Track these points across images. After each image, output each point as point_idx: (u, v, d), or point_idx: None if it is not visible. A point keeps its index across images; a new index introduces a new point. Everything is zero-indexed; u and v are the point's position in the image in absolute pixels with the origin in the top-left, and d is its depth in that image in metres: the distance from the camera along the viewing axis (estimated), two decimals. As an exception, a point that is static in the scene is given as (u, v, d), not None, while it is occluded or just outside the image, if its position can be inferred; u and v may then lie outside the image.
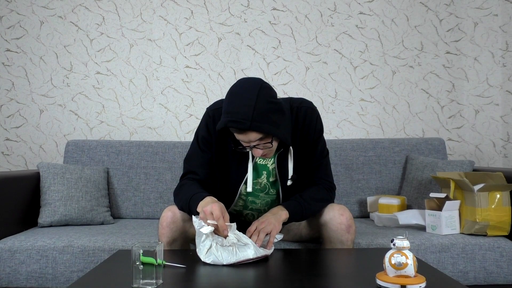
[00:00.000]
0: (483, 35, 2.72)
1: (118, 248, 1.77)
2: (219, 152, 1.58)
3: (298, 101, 1.59)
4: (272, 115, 1.39)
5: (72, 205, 2.12)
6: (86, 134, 2.69)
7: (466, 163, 2.17)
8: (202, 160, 1.57)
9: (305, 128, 1.57)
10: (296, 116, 1.56)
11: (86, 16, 2.69)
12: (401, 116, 2.73)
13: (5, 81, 2.68)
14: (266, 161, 1.58)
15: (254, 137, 1.39)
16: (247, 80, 1.42)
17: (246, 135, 1.39)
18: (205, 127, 1.57)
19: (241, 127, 1.35)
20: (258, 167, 1.59)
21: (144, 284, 1.07)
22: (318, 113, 1.60)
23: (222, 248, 1.29)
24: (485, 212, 1.81)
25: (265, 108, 1.37)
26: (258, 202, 1.63)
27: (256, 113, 1.34)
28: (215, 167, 1.60)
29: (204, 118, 1.59)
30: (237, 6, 2.71)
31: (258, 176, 1.59)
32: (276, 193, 1.62)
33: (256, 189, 1.60)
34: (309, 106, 1.59)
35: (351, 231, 1.51)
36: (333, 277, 1.17)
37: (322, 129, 1.62)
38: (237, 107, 1.36)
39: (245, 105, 1.35)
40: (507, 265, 1.77)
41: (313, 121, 1.57)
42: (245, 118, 1.34)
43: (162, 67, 2.71)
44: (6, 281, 1.76)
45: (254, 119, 1.34)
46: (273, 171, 1.59)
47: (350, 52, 2.73)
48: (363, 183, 2.38)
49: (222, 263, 1.26)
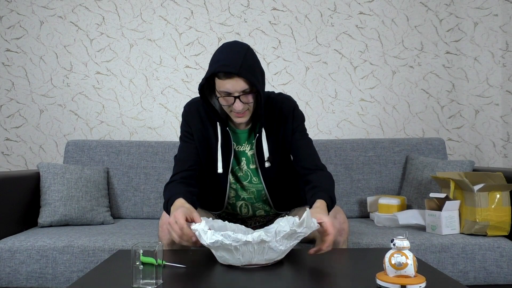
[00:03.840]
0: (483, 35, 2.72)
1: (118, 248, 1.77)
2: (201, 144, 1.63)
3: (275, 93, 1.68)
4: (257, 71, 1.47)
5: (72, 205, 2.12)
6: (86, 134, 2.69)
7: (466, 163, 2.17)
8: (188, 150, 1.64)
9: (282, 116, 1.62)
10: (271, 104, 1.63)
11: (86, 16, 2.69)
12: (401, 116, 2.73)
13: (5, 81, 2.68)
14: (244, 147, 1.63)
15: (240, 86, 1.44)
16: (235, 41, 1.52)
17: (233, 82, 1.43)
18: (184, 121, 1.66)
19: (230, 71, 1.40)
20: (238, 154, 1.64)
21: (144, 284, 1.07)
22: (296, 104, 1.66)
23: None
24: (485, 212, 1.81)
25: (253, 62, 1.46)
26: (246, 192, 1.67)
27: (245, 63, 1.43)
28: (201, 158, 1.64)
29: (182, 115, 1.68)
30: (237, 6, 2.71)
31: (238, 163, 1.64)
32: (259, 182, 1.65)
33: (240, 176, 1.65)
34: (286, 97, 1.66)
35: (344, 233, 1.53)
36: (333, 277, 1.17)
37: (303, 118, 1.67)
38: (228, 56, 1.43)
39: (235, 54, 1.43)
40: (507, 265, 1.77)
41: (290, 109, 1.63)
42: (235, 64, 1.41)
43: (162, 67, 2.71)
44: (6, 281, 1.76)
45: (242, 67, 1.41)
46: (252, 157, 1.63)
47: (350, 52, 2.73)
48: (363, 183, 2.38)
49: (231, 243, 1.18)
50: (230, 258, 1.23)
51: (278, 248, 1.20)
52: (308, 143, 1.65)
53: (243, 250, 1.19)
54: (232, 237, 1.18)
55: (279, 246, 1.20)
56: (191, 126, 1.64)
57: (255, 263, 1.23)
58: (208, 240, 1.20)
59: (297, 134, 1.64)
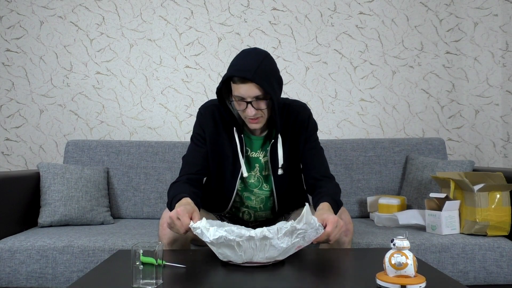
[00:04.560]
0: (483, 35, 2.72)
1: (118, 248, 1.77)
2: (213, 148, 1.63)
3: (291, 100, 1.68)
4: (273, 78, 1.47)
5: (72, 205, 2.12)
6: (86, 134, 2.69)
7: (466, 163, 2.17)
8: (198, 154, 1.63)
9: (297, 124, 1.62)
10: (287, 111, 1.63)
11: (86, 16, 2.69)
12: (401, 116, 2.73)
13: (5, 81, 2.68)
14: (258, 153, 1.63)
15: (253, 92, 1.44)
16: (256, 48, 1.53)
17: (246, 87, 1.44)
18: (198, 124, 1.65)
19: (244, 76, 1.42)
20: (251, 160, 1.63)
21: (144, 284, 1.07)
22: (311, 112, 1.67)
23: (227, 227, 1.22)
24: (485, 212, 1.81)
25: (269, 69, 1.47)
26: (253, 199, 1.67)
27: (260, 69, 1.43)
28: (210, 164, 1.64)
29: (197, 116, 1.67)
30: (237, 6, 2.71)
31: (251, 169, 1.64)
32: (269, 189, 1.65)
33: (250, 183, 1.64)
34: (301, 104, 1.66)
35: (349, 234, 1.53)
36: (333, 277, 1.17)
37: (316, 127, 1.67)
38: (244, 61, 1.45)
39: (252, 60, 1.45)
40: (507, 265, 1.77)
41: (305, 117, 1.63)
42: (250, 70, 1.42)
43: (162, 67, 2.71)
44: (6, 281, 1.76)
45: (257, 73, 1.42)
46: (265, 164, 1.63)
47: (350, 52, 2.73)
48: (363, 183, 2.38)
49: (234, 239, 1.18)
50: (232, 255, 1.23)
51: (279, 246, 1.21)
52: (318, 153, 1.65)
53: (245, 246, 1.20)
54: (236, 232, 1.19)
55: (281, 243, 1.21)
56: (204, 129, 1.63)
57: (256, 261, 1.23)
58: (212, 237, 1.20)
59: (309, 143, 1.64)
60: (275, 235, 1.19)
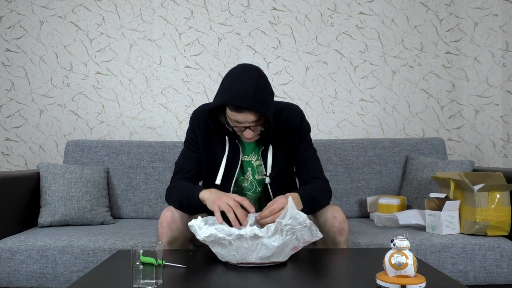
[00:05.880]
0: (483, 35, 2.72)
1: (118, 248, 1.77)
2: (206, 153, 1.62)
3: (284, 103, 1.66)
4: (268, 98, 1.46)
5: (72, 205, 2.12)
6: (86, 134, 2.69)
7: (466, 163, 2.17)
8: (191, 158, 1.63)
9: (291, 128, 1.61)
10: (280, 116, 1.61)
11: (86, 16, 2.69)
12: (401, 116, 2.73)
13: (5, 81, 2.68)
14: (251, 157, 1.63)
15: (251, 118, 1.43)
16: (246, 65, 1.49)
17: (243, 115, 1.42)
18: (191, 129, 1.64)
19: (241, 105, 1.39)
20: (244, 164, 1.63)
21: (144, 284, 1.07)
22: (303, 114, 1.66)
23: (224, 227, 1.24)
24: (485, 212, 1.81)
25: (264, 90, 1.44)
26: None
27: (257, 95, 1.40)
28: (204, 168, 1.64)
29: (190, 121, 1.66)
30: (237, 6, 2.71)
31: (244, 173, 1.64)
32: (262, 190, 1.66)
33: (244, 186, 1.64)
34: (294, 108, 1.65)
35: (344, 233, 1.53)
36: (333, 277, 1.17)
37: (309, 129, 1.66)
38: (240, 85, 1.41)
39: (247, 85, 1.40)
40: (507, 265, 1.77)
41: (298, 121, 1.62)
42: (246, 97, 1.39)
43: (162, 67, 2.71)
44: (6, 281, 1.76)
45: (254, 100, 1.39)
46: (257, 168, 1.63)
47: (350, 52, 2.73)
48: (363, 183, 2.38)
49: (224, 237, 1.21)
50: (226, 254, 1.25)
51: (271, 244, 1.21)
52: (312, 155, 1.65)
53: (237, 245, 1.21)
54: (226, 231, 1.21)
55: (272, 242, 1.21)
56: (197, 135, 1.63)
57: (251, 261, 1.23)
58: (203, 235, 1.23)
59: (303, 145, 1.64)
60: (265, 234, 1.21)
